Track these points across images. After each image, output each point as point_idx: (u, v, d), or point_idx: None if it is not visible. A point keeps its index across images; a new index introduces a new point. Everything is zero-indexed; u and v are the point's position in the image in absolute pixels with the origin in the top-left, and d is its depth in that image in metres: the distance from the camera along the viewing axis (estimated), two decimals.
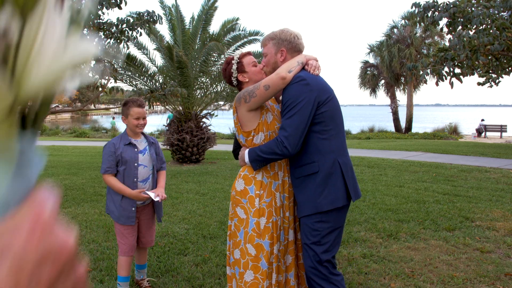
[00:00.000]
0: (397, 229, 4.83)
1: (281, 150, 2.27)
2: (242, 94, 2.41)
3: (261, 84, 2.34)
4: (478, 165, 9.80)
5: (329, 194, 2.32)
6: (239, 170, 2.59)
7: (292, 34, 2.46)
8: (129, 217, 3.09)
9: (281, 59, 2.45)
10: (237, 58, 2.55)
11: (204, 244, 4.39)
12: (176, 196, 6.73)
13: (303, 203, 2.37)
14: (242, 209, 2.44)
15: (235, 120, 2.53)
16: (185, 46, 10.87)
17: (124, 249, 3.13)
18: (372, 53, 31.47)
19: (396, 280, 3.47)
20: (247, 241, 2.40)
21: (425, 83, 29.58)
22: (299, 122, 2.27)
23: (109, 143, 3.10)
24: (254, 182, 2.44)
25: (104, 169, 3.04)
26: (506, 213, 5.52)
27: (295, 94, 2.29)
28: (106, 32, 4.94)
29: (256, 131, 2.44)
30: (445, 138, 21.54)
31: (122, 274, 3.18)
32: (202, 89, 11.63)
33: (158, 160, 3.25)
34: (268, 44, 2.49)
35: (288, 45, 2.44)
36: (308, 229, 2.35)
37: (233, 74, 2.54)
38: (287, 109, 2.30)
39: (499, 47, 6.19)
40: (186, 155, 10.88)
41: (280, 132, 2.31)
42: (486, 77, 10.81)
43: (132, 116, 3.06)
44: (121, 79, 10.93)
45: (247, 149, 2.43)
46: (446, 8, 6.85)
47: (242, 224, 2.44)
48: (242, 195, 2.46)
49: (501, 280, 3.46)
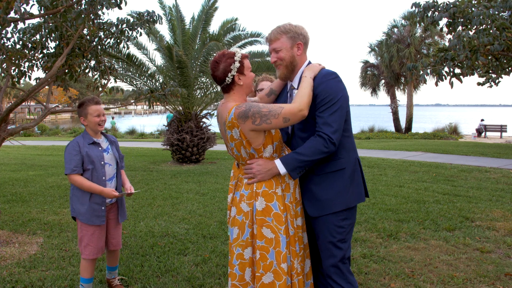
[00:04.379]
0: (397, 229, 4.83)
1: (328, 147, 2.22)
2: (251, 114, 2.19)
3: (280, 113, 2.18)
4: (478, 165, 9.80)
5: (355, 190, 2.36)
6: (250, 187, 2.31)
7: (303, 28, 2.41)
8: (99, 216, 3.03)
9: (299, 53, 2.39)
10: (239, 57, 2.30)
11: (204, 244, 4.39)
12: (176, 196, 6.73)
13: (329, 200, 2.31)
14: (269, 228, 2.24)
15: (238, 135, 2.27)
16: (185, 46, 10.87)
17: (91, 251, 3.04)
18: (372, 52, 31.50)
19: (396, 280, 3.47)
20: (282, 261, 2.21)
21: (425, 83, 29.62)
22: (341, 117, 2.26)
23: (73, 142, 3.03)
24: (276, 198, 2.27)
25: (70, 169, 2.94)
26: (506, 213, 5.52)
27: (333, 91, 2.26)
28: (106, 32, 4.92)
29: (265, 144, 2.29)
30: (445, 138, 21.54)
31: (86, 276, 3.11)
32: (202, 89, 11.63)
33: (120, 158, 3.24)
34: (281, 38, 2.37)
35: (303, 39, 2.40)
36: (334, 226, 2.32)
37: (231, 72, 2.28)
38: (327, 104, 2.24)
39: (499, 47, 6.18)
40: (186, 155, 10.88)
41: (324, 127, 2.22)
42: (486, 77, 10.81)
43: (92, 115, 3.02)
44: (121, 79, 10.95)
45: (278, 160, 2.27)
46: (446, 8, 6.84)
47: (271, 244, 2.23)
48: (266, 213, 2.25)
49: (501, 280, 3.46)
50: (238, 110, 2.22)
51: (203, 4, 11.08)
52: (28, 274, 3.62)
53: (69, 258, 3.99)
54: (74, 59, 4.73)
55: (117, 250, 3.33)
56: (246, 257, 2.29)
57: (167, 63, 11.02)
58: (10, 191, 7.13)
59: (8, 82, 4.96)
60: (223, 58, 2.30)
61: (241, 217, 2.31)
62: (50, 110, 4.86)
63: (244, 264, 2.29)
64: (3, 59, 4.43)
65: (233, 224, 2.36)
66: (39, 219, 5.34)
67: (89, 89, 5.38)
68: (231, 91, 2.34)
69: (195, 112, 11.28)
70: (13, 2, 3.43)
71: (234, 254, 2.32)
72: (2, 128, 4.54)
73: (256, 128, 2.21)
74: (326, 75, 2.31)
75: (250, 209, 2.29)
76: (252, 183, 2.30)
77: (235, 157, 2.39)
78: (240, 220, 2.31)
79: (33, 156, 12.82)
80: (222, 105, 2.38)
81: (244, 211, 2.30)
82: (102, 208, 3.04)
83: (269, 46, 2.43)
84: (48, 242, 4.47)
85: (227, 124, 2.28)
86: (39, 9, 4.18)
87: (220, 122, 2.39)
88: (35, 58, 4.89)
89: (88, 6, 4.16)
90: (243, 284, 2.30)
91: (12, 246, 4.34)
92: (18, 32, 4.65)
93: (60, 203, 6.29)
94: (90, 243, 3.04)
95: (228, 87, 2.33)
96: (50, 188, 7.41)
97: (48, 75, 4.40)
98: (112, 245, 3.24)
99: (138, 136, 25.21)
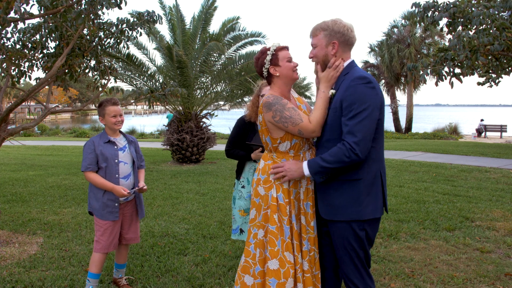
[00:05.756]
0: (397, 229, 4.83)
1: (349, 157, 2.14)
2: (274, 109, 2.33)
3: (297, 124, 2.29)
4: (478, 165, 9.80)
5: (370, 203, 2.25)
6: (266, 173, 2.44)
7: (345, 26, 2.30)
8: (112, 212, 3.13)
9: (333, 52, 2.31)
10: (273, 50, 2.43)
11: (204, 244, 4.39)
12: (176, 196, 6.73)
13: (341, 207, 2.27)
14: (278, 217, 2.38)
15: (261, 121, 2.44)
16: (185, 46, 10.87)
17: (103, 245, 3.13)
18: (372, 52, 31.50)
19: (396, 280, 3.47)
20: (285, 249, 2.34)
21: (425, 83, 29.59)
22: (369, 126, 2.15)
23: (89, 141, 3.16)
24: (282, 190, 2.40)
25: (85, 166, 3.09)
26: (506, 213, 5.52)
27: (362, 97, 2.15)
28: (106, 32, 4.92)
29: (282, 139, 2.39)
30: (445, 138, 21.55)
31: (93, 271, 3.17)
32: (202, 89, 11.63)
33: (138, 157, 3.32)
34: (318, 34, 2.33)
35: (341, 38, 2.30)
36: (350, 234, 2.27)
37: (265, 65, 2.43)
38: (354, 111, 2.14)
39: (499, 47, 6.18)
40: (186, 155, 10.88)
41: (347, 137, 2.15)
42: (486, 77, 10.81)
43: (109, 115, 3.14)
44: (121, 79, 10.95)
45: (305, 162, 2.31)
46: (446, 8, 6.84)
47: (279, 231, 2.36)
48: (276, 201, 2.39)
49: (501, 280, 3.46)
50: (266, 99, 2.38)
51: (202, 4, 11.07)
52: (28, 274, 3.62)
53: (69, 258, 3.99)
54: (74, 59, 4.73)
55: (127, 247, 3.41)
56: (259, 237, 2.42)
57: (167, 63, 11.02)
58: (10, 191, 7.13)
59: (8, 82, 4.96)
60: (259, 54, 2.50)
61: (258, 200, 2.46)
62: (50, 110, 4.86)
63: (257, 244, 2.43)
64: (3, 59, 4.43)
65: (252, 205, 2.51)
66: (39, 219, 5.34)
67: (89, 89, 5.38)
68: (271, 83, 2.50)
69: (195, 112, 11.29)
70: (13, 2, 3.43)
71: (251, 234, 2.47)
72: (2, 128, 4.54)
73: (274, 123, 2.35)
74: (355, 79, 2.19)
75: (266, 194, 2.42)
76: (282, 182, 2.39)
77: (262, 142, 2.55)
78: (257, 202, 2.46)
79: (33, 156, 12.82)
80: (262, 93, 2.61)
81: (261, 194, 2.44)
82: (115, 204, 3.13)
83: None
84: (48, 242, 4.47)
85: (259, 109, 2.48)
86: (39, 9, 4.18)
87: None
88: (35, 58, 4.89)
89: (88, 6, 4.15)
90: (254, 263, 2.44)
91: (12, 246, 4.34)
92: (18, 32, 4.65)
93: (60, 203, 6.29)
94: (102, 237, 3.14)
95: (268, 80, 2.50)
96: (50, 188, 7.41)
97: (48, 75, 4.40)
98: (125, 239, 3.30)
99: (138, 136, 25.20)
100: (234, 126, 3.58)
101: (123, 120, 3.25)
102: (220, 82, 11.43)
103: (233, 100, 12.05)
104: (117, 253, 3.39)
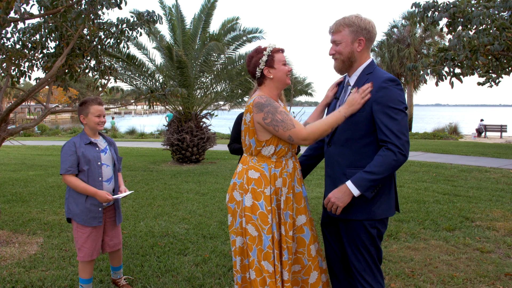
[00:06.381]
0: (397, 229, 4.83)
1: (397, 160, 2.11)
2: (266, 110, 2.26)
3: (289, 129, 2.23)
4: (478, 165, 9.80)
5: (383, 203, 2.26)
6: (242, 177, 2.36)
7: (370, 22, 2.25)
8: (96, 217, 2.99)
9: (359, 49, 2.26)
10: (269, 51, 2.35)
11: (204, 244, 4.39)
12: (176, 196, 6.73)
13: (354, 207, 2.26)
14: (253, 226, 2.29)
15: (249, 121, 2.34)
16: (185, 46, 10.87)
17: (86, 253, 3.00)
18: (372, 53, 31.48)
19: (396, 280, 3.47)
20: (263, 258, 2.27)
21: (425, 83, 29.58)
22: (407, 127, 2.18)
23: (69, 142, 2.99)
24: (264, 197, 2.31)
25: (65, 169, 2.90)
26: (506, 213, 5.52)
27: (399, 98, 2.16)
28: (106, 32, 4.92)
29: (268, 142, 2.32)
30: (445, 138, 21.54)
31: (85, 277, 3.07)
32: (202, 89, 11.63)
33: (118, 159, 3.21)
34: (343, 31, 2.25)
35: (367, 35, 2.25)
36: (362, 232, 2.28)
37: (259, 65, 2.35)
38: (393, 113, 2.13)
39: (499, 47, 6.18)
40: (186, 155, 10.88)
41: (392, 137, 2.11)
42: (486, 77, 10.80)
43: (93, 114, 3.00)
44: (121, 79, 10.95)
45: (349, 182, 2.18)
46: (446, 8, 6.84)
47: (254, 242, 2.29)
48: (253, 211, 2.30)
49: (501, 280, 3.46)
50: (258, 99, 2.31)
51: (203, 4, 11.07)
52: (28, 274, 3.62)
53: (69, 258, 3.99)
54: (74, 59, 4.73)
55: (119, 251, 3.31)
56: (237, 245, 2.37)
57: (167, 63, 11.02)
58: (10, 191, 7.13)
59: (8, 82, 4.96)
60: (253, 53, 2.41)
61: (233, 205, 2.38)
62: (50, 110, 4.86)
63: (236, 252, 2.39)
64: (3, 59, 4.44)
65: (228, 211, 2.44)
66: (39, 219, 5.34)
67: (89, 89, 5.38)
68: (262, 85, 2.42)
69: (195, 112, 11.29)
70: (13, 2, 3.43)
71: (230, 240, 2.44)
72: (2, 128, 4.54)
73: (264, 125, 2.28)
74: (387, 81, 2.18)
75: (241, 199, 2.35)
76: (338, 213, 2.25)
77: (242, 141, 2.47)
78: (233, 208, 2.39)
79: (33, 156, 12.82)
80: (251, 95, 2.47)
81: (236, 200, 2.37)
82: (99, 209, 3.00)
83: (331, 37, 2.33)
84: (48, 242, 4.47)
85: (245, 108, 2.41)
86: (39, 9, 4.19)
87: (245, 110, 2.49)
88: (35, 58, 4.89)
89: (88, 6, 4.16)
90: (236, 271, 2.41)
91: (12, 246, 4.34)
92: (18, 32, 4.65)
93: (60, 203, 6.29)
94: (85, 244, 3.00)
95: (260, 81, 2.42)
96: (50, 188, 7.41)
97: (48, 75, 4.40)
98: (109, 246, 3.19)
99: (138, 136, 25.21)
100: (234, 122, 3.87)
101: (105, 121, 3.14)
102: (220, 82, 11.43)
103: (233, 100, 12.05)
104: (110, 257, 3.32)
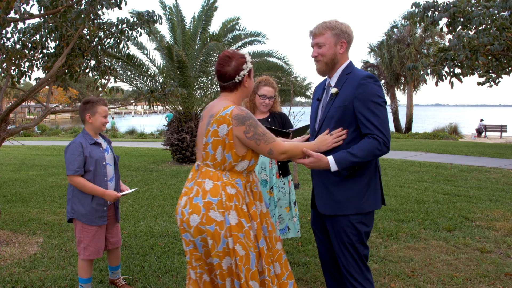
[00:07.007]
0: (397, 229, 4.83)
1: (381, 150, 2.23)
2: (248, 124, 2.15)
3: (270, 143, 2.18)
4: (478, 165, 9.80)
5: (371, 196, 2.33)
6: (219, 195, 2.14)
7: (349, 26, 2.35)
8: (101, 216, 3.05)
9: (341, 51, 2.34)
10: (250, 59, 2.28)
11: None
12: (176, 196, 6.73)
13: (344, 202, 2.31)
14: (241, 245, 2.13)
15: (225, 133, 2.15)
16: (185, 46, 10.88)
17: (92, 251, 3.03)
18: (372, 53, 31.50)
19: (396, 280, 3.47)
20: (250, 278, 2.13)
21: (425, 83, 29.63)
22: (387, 121, 2.27)
23: (75, 142, 2.99)
24: (243, 214, 2.18)
25: (73, 170, 2.90)
26: (506, 213, 5.52)
27: (378, 93, 2.25)
28: (106, 32, 4.93)
29: (244, 157, 2.21)
30: (445, 138, 21.54)
31: (85, 276, 3.10)
32: (202, 89, 11.63)
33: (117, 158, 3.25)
34: (326, 33, 2.32)
35: (348, 38, 2.35)
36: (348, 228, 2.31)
37: (244, 70, 2.23)
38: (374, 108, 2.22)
39: (499, 47, 6.18)
40: (186, 155, 10.88)
41: (377, 132, 2.22)
42: (486, 77, 10.79)
43: (100, 114, 3.04)
44: (121, 79, 10.95)
45: (331, 157, 2.21)
46: (446, 8, 6.83)
47: (242, 261, 2.13)
48: (239, 229, 2.14)
49: (501, 280, 3.46)
50: (238, 111, 2.15)
51: (203, 4, 11.08)
52: (28, 274, 3.62)
53: (69, 258, 3.99)
54: (74, 59, 4.73)
55: (118, 249, 3.34)
56: (224, 267, 2.16)
57: (167, 63, 11.03)
58: (10, 191, 7.13)
59: (8, 82, 4.96)
60: (236, 55, 2.24)
61: (212, 227, 2.11)
62: (50, 110, 4.86)
63: (223, 275, 2.17)
64: (3, 59, 4.44)
65: (199, 233, 2.15)
66: (39, 219, 5.34)
67: (89, 89, 5.38)
68: (234, 91, 2.27)
69: (195, 112, 11.29)
70: (13, 2, 3.43)
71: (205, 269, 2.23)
72: (2, 128, 4.55)
73: (244, 139, 2.16)
74: (365, 78, 2.26)
75: (223, 219, 2.12)
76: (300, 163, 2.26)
77: (204, 155, 2.23)
78: (212, 230, 2.11)
79: (33, 156, 12.82)
80: (217, 101, 2.27)
81: (217, 220, 2.12)
82: (104, 208, 3.07)
83: (312, 40, 2.38)
84: (48, 242, 4.47)
85: (215, 118, 2.17)
86: (39, 9, 4.19)
87: (206, 115, 2.27)
88: (35, 58, 4.89)
89: (88, 6, 4.16)
90: None
91: (12, 246, 4.34)
92: (18, 32, 4.65)
93: (60, 203, 6.29)
94: (91, 243, 3.04)
95: (234, 87, 2.26)
96: (50, 188, 7.41)
97: (48, 75, 4.40)
98: (111, 244, 3.25)
99: (138, 136, 25.21)
100: None
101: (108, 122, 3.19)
102: None
103: None
104: (109, 256, 3.34)
